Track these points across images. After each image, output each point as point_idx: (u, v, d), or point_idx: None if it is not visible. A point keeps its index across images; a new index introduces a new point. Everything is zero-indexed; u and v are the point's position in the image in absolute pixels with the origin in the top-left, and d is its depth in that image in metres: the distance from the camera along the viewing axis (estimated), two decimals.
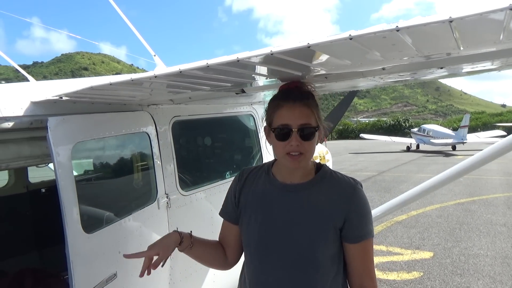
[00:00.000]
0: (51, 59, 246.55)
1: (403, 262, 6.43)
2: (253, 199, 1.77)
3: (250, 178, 1.83)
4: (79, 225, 2.08)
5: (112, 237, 2.31)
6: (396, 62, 1.55)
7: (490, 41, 1.24)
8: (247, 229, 1.76)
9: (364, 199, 1.68)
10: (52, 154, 1.95)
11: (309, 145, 1.61)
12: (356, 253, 1.66)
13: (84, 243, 2.11)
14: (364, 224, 1.66)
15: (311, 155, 1.66)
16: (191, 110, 3.17)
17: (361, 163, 22.21)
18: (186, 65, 1.46)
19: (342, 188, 1.68)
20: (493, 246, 7.15)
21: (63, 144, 2.03)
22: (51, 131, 1.96)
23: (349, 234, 1.64)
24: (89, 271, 2.13)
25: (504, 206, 10.40)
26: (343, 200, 1.64)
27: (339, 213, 1.63)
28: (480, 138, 31.24)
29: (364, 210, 1.67)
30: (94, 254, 2.18)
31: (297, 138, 1.58)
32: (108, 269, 2.23)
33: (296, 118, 1.58)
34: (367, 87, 2.59)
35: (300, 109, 1.60)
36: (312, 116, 1.62)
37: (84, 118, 2.24)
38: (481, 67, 1.82)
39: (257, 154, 3.99)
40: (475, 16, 0.92)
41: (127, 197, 2.88)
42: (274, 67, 1.57)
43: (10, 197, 4.59)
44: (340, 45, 1.18)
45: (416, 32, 1.05)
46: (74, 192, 2.06)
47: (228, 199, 1.89)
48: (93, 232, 2.17)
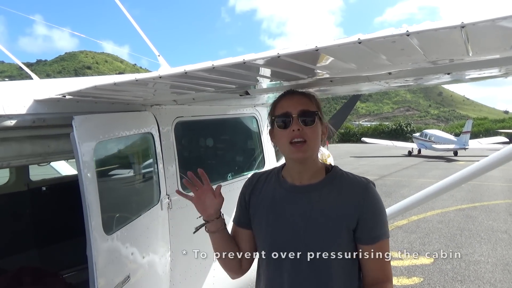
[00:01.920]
0: (55, 58, 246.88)
1: (403, 267, 6.39)
2: (263, 202, 1.75)
3: (261, 181, 1.81)
4: (101, 226, 2.04)
5: (126, 238, 2.27)
6: (403, 67, 1.54)
7: (500, 48, 1.23)
8: (260, 232, 1.74)
9: (377, 198, 1.64)
10: (78, 153, 1.91)
11: (311, 132, 1.61)
12: (372, 255, 1.60)
13: (104, 245, 2.07)
14: (379, 224, 1.61)
15: (315, 144, 1.64)
16: (194, 111, 3.16)
17: (363, 167, 22.16)
18: (191, 66, 1.45)
19: (354, 188, 1.64)
20: (494, 253, 7.12)
21: (88, 142, 1.99)
22: (76, 130, 1.93)
23: (363, 235, 1.60)
24: (109, 274, 2.09)
25: (505, 212, 10.35)
26: (355, 200, 1.60)
27: (351, 214, 1.59)
28: (482, 144, 31.14)
29: (378, 210, 1.62)
30: (113, 256, 2.15)
31: (297, 123, 1.60)
32: (123, 272, 2.21)
33: (295, 105, 1.63)
34: (371, 91, 2.58)
35: (298, 97, 1.67)
36: (311, 104, 1.65)
37: (105, 118, 2.21)
38: (488, 73, 1.81)
39: (259, 155, 3.97)
40: (487, 22, 0.91)
41: (136, 198, 2.85)
42: (279, 69, 1.56)
43: (10, 195, 4.58)
44: (348, 48, 1.16)
45: (426, 37, 1.03)
46: (97, 193, 2.02)
47: (238, 203, 1.86)
48: (111, 234, 2.14)
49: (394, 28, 1.03)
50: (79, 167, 1.93)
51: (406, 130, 55.67)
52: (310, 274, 1.60)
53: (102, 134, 2.14)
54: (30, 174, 4.84)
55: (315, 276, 1.60)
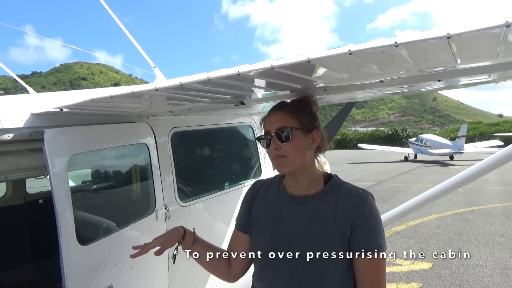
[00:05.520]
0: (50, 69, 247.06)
1: (402, 273, 6.40)
2: (263, 210, 1.79)
3: (263, 189, 1.85)
4: (74, 237, 2.08)
5: (108, 249, 2.30)
6: (394, 75, 1.57)
7: (487, 56, 1.26)
8: (257, 240, 1.76)
9: (373, 210, 1.63)
10: (48, 166, 1.97)
11: (289, 147, 1.64)
12: (365, 268, 1.58)
13: (78, 255, 2.10)
14: (373, 236, 1.59)
15: (296, 157, 1.65)
16: (190, 121, 3.18)
17: (359, 173, 22.21)
18: (187, 78, 1.47)
19: (350, 199, 1.64)
20: (491, 256, 7.14)
21: (59, 156, 2.04)
22: (47, 143, 1.98)
23: (355, 245, 1.58)
24: (84, 283, 2.11)
25: (502, 216, 10.40)
26: (350, 211, 1.60)
27: (346, 224, 1.59)
28: (477, 148, 31.36)
29: (373, 221, 1.61)
30: (89, 266, 2.16)
31: (275, 141, 1.66)
32: (104, 282, 2.22)
33: (273, 123, 1.69)
34: (365, 99, 2.61)
35: (277, 115, 1.70)
36: (289, 119, 1.67)
37: (82, 130, 2.24)
38: (478, 80, 1.84)
39: (256, 164, 3.99)
40: (473, 32, 0.94)
41: (124, 209, 2.87)
42: (273, 80, 1.59)
43: (7, 208, 4.56)
44: (340, 59, 1.19)
45: (414, 47, 1.06)
46: (70, 204, 2.06)
47: (241, 208, 1.92)
48: (88, 244, 2.16)
49: (384, 38, 1.06)
50: (50, 179, 1.98)
51: (402, 136, 55.94)
52: (304, 284, 1.62)
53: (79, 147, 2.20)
54: (26, 187, 4.83)
55: (309, 286, 1.61)
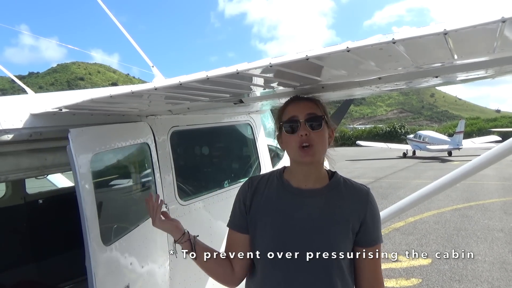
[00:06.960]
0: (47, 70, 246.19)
1: (401, 269, 6.42)
2: (266, 205, 1.74)
3: (261, 184, 1.80)
4: (99, 237, 2.05)
5: (124, 248, 2.28)
6: (392, 72, 1.58)
7: (483, 51, 1.27)
8: (262, 234, 1.71)
9: (376, 204, 1.76)
10: (74, 165, 1.93)
11: (318, 136, 1.64)
12: (369, 257, 1.70)
13: (103, 256, 2.07)
14: (377, 228, 1.74)
15: (322, 148, 1.68)
16: (189, 120, 3.18)
17: (358, 170, 22.23)
18: (185, 77, 1.48)
19: (357, 193, 1.73)
20: (490, 251, 7.17)
21: (84, 154, 2.01)
22: (72, 142, 1.94)
23: (364, 237, 1.69)
24: (108, 284, 2.09)
25: (500, 211, 10.44)
26: (359, 205, 1.70)
27: (356, 217, 1.67)
28: (475, 143, 31.38)
29: (377, 215, 1.75)
30: (112, 266, 2.15)
31: (305, 127, 1.64)
32: (123, 282, 2.21)
33: (302, 110, 1.67)
34: (363, 96, 2.62)
35: (305, 102, 1.71)
36: (318, 109, 1.70)
37: (97, 130, 2.22)
38: (475, 75, 1.85)
39: (255, 162, 4.00)
40: (469, 28, 0.95)
41: (133, 208, 2.86)
42: (272, 78, 1.60)
43: (7, 208, 4.56)
44: (337, 56, 1.20)
45: (411, 43, 1.07)
46: (94, 204, 2.04)
47: (236, 208, 1.84)
48: (110, 244, 2.14)
49: (381, 35, 1.07)
50: (76, 179, 1.94)
51: (400, 132, 55.88)
52: (317, 276, 1.63)
53: (98, 146, 2.16)
54: (26, 187, 4.84)
55: (322, 278, 1.63)
